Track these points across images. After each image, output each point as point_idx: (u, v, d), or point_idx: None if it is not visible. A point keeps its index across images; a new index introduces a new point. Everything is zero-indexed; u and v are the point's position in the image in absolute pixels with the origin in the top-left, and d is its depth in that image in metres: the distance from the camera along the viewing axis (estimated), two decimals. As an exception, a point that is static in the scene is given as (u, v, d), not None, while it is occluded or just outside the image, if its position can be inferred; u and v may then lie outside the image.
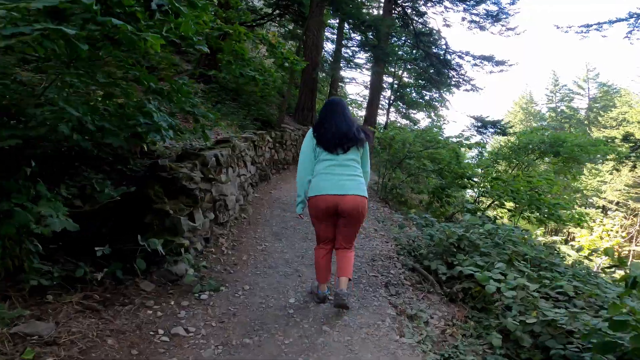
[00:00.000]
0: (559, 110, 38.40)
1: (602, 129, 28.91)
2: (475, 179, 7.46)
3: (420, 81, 16.27)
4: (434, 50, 13.24)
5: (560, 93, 38.99)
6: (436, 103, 18.14)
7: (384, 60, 12.04)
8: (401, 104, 18.49)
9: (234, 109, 8.03)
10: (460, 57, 13.12)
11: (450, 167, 7.32)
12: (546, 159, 9.70)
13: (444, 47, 13.18)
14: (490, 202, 7.54)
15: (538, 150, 9.12)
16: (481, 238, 3.56)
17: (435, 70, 13.48)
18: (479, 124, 13.12)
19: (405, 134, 7.79)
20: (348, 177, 2.46)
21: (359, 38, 16.27)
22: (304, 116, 11.58)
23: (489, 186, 6.91)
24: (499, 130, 12.76)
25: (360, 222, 2.53)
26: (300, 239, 4.29)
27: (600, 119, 32.20)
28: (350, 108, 25.88)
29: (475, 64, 13.01)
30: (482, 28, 12.63)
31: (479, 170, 7.89)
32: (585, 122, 36.25)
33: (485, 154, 9.51)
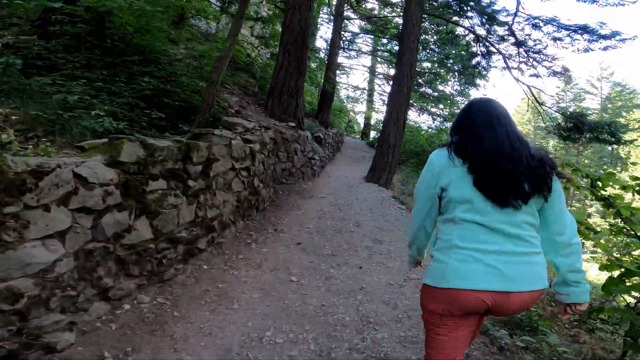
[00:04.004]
0: (570, 110, 34.71)
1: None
2: None
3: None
4: (491, 13, 8.41)
5: (572, 92, 35.21)
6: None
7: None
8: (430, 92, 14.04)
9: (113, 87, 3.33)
10: (535, 26, 8.33)
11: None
12: None
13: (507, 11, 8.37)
14: None
15: None
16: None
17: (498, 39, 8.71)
18: (570, 126, 8.36)
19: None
20: (519, 256, 1.16)
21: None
22: (282, 106, 6.70)
23: None
24: (607, 137, 8.03)
25: None
26: None
27: (622, 119, 28.27)
28: (347, 104, 21.29)
29: (557, 38, 8.25)
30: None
31: None
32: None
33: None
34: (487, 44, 9.94)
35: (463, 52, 13.11)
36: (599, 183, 2.23)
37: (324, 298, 2.87)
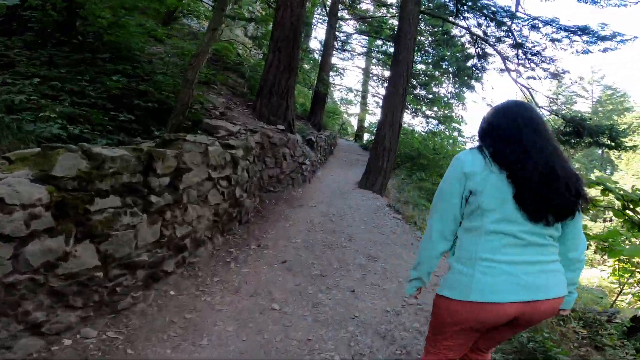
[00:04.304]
0: (561, 113, 34.92)
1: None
2: None
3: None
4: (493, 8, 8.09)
5: (564, 95, 35.49)
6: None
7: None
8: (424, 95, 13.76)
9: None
10: (534, 27, 8.06)
11: None
12: None
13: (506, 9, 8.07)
14: None
15: None
16: None
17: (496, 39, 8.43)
18: (569, 129, 8.09)
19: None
20: (545, 265, 1.16)
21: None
22: (271, 107, 6.30)
23: None
24: (607, 142, 7.73)
25: None
26: None
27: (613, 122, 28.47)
28: (341, 106, 20.90)
29: (556, 39, 8.01)
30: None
31: None
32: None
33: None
34: (483, 45, 9.64)
35: (458, 54, 12.86)
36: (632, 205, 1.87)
37: (311, 330, 2.46)
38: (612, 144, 7.68)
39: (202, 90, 5.50)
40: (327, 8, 12.57)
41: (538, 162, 1.10)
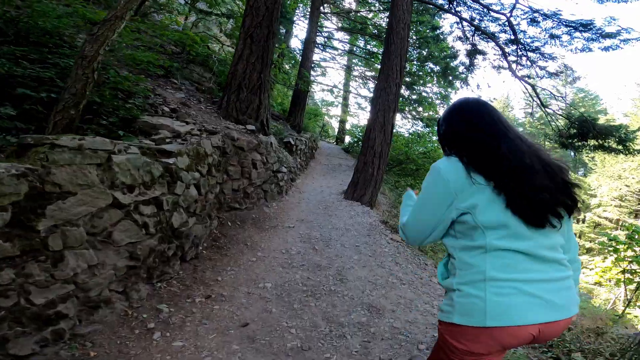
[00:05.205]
0: (536, 115, 35.83)
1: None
2: None
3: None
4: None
5: (541, 96, 36.00)
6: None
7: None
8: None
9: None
10: (533, 21, 7.29)
11: None
12: None
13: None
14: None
15: None
16: None
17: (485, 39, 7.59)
18: (573, 132, 7.33)
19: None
20: (562, 282, 1.05)
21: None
22: (241, 104, 5.14)
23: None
24: (614, 145, 6.96)
25: None
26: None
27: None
28: (322, 108, 19.99)
29: (555, 35, 7.30)
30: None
31: None
32: (564, 129, 33.25)
33: None
34: (474, 41, 8.82)
35: (445, 53, 12.12)
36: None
37: None
38: (620, 147, 6.95)
39: (157, 84, 4.27)
40: (309, 1, 11.52)
41: (520, 163, 1.00)
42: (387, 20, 7.08)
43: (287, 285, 2.74)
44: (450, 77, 12.98)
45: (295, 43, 15.32)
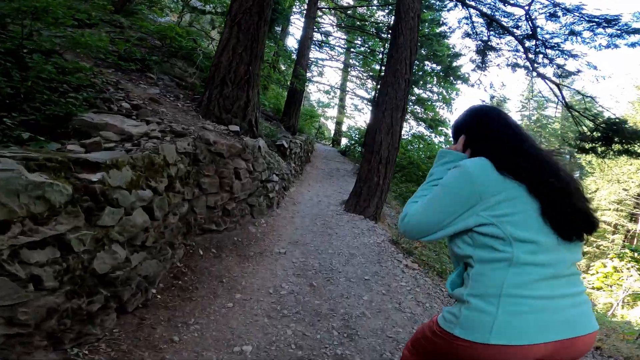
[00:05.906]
0: (533, 118, 35.58)
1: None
2: None
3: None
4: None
5: (535, 100, 35.87)
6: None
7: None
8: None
9: None
10: (552, 15, 6.61)
11: None
12: None
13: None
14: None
15: None
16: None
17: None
18: (598, 135, 6.61)
19: None
20: (578, 297, 0.99)
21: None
22: (225, 101, 4.33)
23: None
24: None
25: None
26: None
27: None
28: (318, 109, 19.21)
29: (575, 32, 6.64)
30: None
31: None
32: (559, 132, 33.19)
33: None
34: (487, 36, 8.11)
35: (447, 52, 11.46)
36: None
37: None
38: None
39: (129, 78, 3.45)
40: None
41: (551, 169, 0.98)
42: (390, 13, 6.33)
43: (275, 348, 1.93)
44: (451, 78, 12.35)
45: (292, 42, 14.58)
